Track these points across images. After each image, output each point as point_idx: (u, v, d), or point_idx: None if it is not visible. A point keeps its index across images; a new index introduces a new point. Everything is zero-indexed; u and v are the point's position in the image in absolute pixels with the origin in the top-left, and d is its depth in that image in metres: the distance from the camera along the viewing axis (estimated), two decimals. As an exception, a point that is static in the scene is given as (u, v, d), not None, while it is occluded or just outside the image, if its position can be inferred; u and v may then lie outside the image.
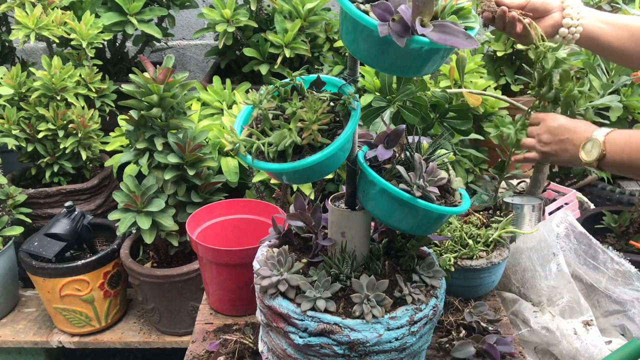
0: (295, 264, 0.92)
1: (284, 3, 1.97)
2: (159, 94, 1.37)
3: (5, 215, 1.67)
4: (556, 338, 1.26)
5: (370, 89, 1.56)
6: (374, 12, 0.68)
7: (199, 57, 2.74)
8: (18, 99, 1.76)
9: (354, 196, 0.91)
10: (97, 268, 1.57)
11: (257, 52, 1.99)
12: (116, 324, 1.71)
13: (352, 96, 0.81)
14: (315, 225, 0.98)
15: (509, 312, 1.37)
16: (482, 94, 1.49)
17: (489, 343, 1.10)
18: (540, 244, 1.37)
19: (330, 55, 2.05)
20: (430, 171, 0.84)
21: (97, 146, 1.82)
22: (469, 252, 1.28)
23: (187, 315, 1.58)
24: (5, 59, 2.13)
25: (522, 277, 1.40)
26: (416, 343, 0.90)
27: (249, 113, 0.87)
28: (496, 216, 1.43)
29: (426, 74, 0.77)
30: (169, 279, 1.48)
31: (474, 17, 0.75)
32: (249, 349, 1.16)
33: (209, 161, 1.50)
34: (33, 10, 1.74)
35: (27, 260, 1.54)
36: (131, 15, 1.94)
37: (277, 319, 0.89)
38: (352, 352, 0.85)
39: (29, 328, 1.71)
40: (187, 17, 2.66)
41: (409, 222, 0.84)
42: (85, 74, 1.82)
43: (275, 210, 1.39)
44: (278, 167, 0.79)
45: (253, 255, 1.01)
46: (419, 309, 0.88)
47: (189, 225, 1.34)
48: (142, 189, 1.44)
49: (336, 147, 0.78)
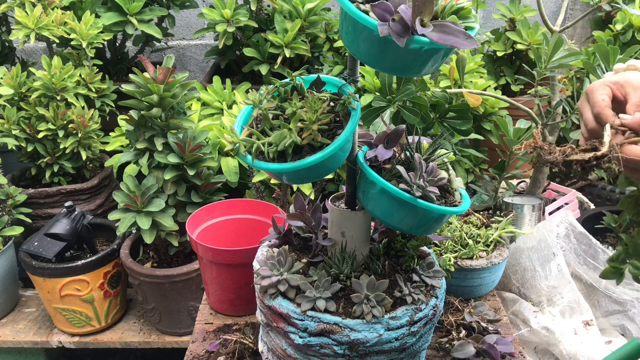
0: (295, 264, 0.92)
1: (284, 3, 1.97)
2: (159, 94, 1.37)
3: (5, 215, 1.67)
4: (556, 338, 1.26)
5: (370, 89, 1.56)
6: (374, 12, 0.68)
7: (199, 57, 2.74)
8: (18, 99, 1.75)
9: (354, 196, 0.91)
10: (97, 268, 1.57)
11: (257, 52, 1.99)
12: (116, 324, 1.71)
13: (352, 96, 0.81)
14: (315, 225, 0.98)
15: (509, 312, 1.37)
16: (482, 94, 1.49)
17: (489, 343, 1.10)
18: (540, 244, 1.37)
19: (330, 55, 2.05)
20: (430, 171, 0.84)
21: (97, 146, 1.82)
22: (469, 252, 1.28)
23: (187, 315, 1.58)
24: (5, 59, 2.13)
25: (522, 277, 1.40)
26: (416, 343, 0.90)
27: (249, 113, 0.87)
28: (496, 216, 1.43)
29: (426, 74, 0.76)
30: (169, 279, 1.48)
31: (474, 17, 0.75)
32: (249, 349, 1.16)
33: (209, 161, 1.50)
34: (33, 10, 1.74)
35: (27, 260, 1.54)
36: (131, 15, 1.94)
37: (277, 319, 0.89)
38: (352, 352, 0.85)
39: (29, 328, 1.71)
40: (187, 17, 2.66)
41: (409, 222, 0.84)
42: (85, 74, 1.82)
43: (275, 210, 1.39)
44: (278, 167, 0.79)
45: (253, 255, 1.01)
46: (419, 309, 0.88)
47: (189, 225, 1.34)
48: (142, 189, 1.44)
49: (336, 147, 0.78)
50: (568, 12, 2.46)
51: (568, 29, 1.43)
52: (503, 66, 2.05)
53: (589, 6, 2.08)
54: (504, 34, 2.00)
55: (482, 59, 1.94)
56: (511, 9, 2.00)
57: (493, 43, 2.04)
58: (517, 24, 1.98)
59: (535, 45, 1.90)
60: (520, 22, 1.95)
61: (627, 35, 1.84)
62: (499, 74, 2.04)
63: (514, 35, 1.95)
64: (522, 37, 1.94)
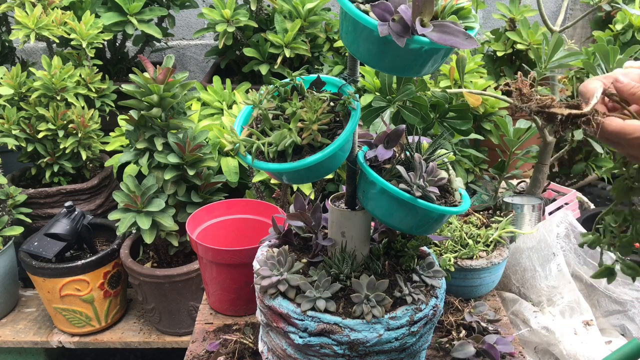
0: (295, 264, 0.92)
1: (284, 3, 1.97)
2: (159, 94, 1.37)
3: (5, 215, 1.67)
4: (556, 338, 1.26)
5: (370, 89, 1.56)
6: (374, 12, 0.68)
7: (199, 57, 2.74)
8: (18, 99, 1.75)
9: (354, 196, 0.91)
10: (97, 268, 1.57)
11: (257, 52, 1.99)
12: (116, 324, 1.71)
13: (352, 96, 0.81)
14: (315, 225, 0.98)
15: (509, 312, 1.37)
16: (482, 94, 1.48)
17: (489, 343, 1.10)
18: (540, 244, 1.37)
19: (330, 55, 2.05)
20: (430, 171, 0.84)
21: (97, 146, 1.82)
22: (469, 252, 1.28)
23: (187, 315, 1.58)
24: (5, 59, 2.13)
25: (522, 277, 1.40)
26: (416, 343, 0.90)
27: (249, 113, 0.87)
28: (496, 216, 1.43)
29: (426, 74, 0.76)
30: (169, 279, 1.48)
31: (474, 17, 0.75)
32: (249, 349, 1.16)
33: (209, 161, 1.50)
34: (33, 10, 1.74)
35: (27, 260, 1.54)
36: (131, 15, 1.94)
37: (277, 319, 0.89)
38: (352, 352, 0.85)
39: (29, 328, 1.71)
40: (187, 17, 2.66)
41: (409, 222, 0.84)
42: (85, 74, 1.82)
43: (275, 210, 1.39)
44: (278, 167, 0.79)
45: (253, 255, 1.01)
46: (419, 309, 0.88)
47: (189, 225, 1.34)
48: (142, 189, 1.44)
49: (336, 147, 0.78)
50: (568, 12, 2.46)
51: (568, 29, 1.43)
52: (503, 66, 2.05)
53: (589, 6, 2.08)
54: (504, 34, 2.00)
55: (482, 59, 1.93)
56: (511, 9, 2.00)
57: (493, 43, 2.04)
58: (517, 24, 1.98)
59: (535, 45, 1.90)
60: (520, 22, 1.95)
61: (627, 35, 1.84)
62: (499, 74, 2.04)
63: (514, 35, 1.95)
64: (522, 37, 1.94)
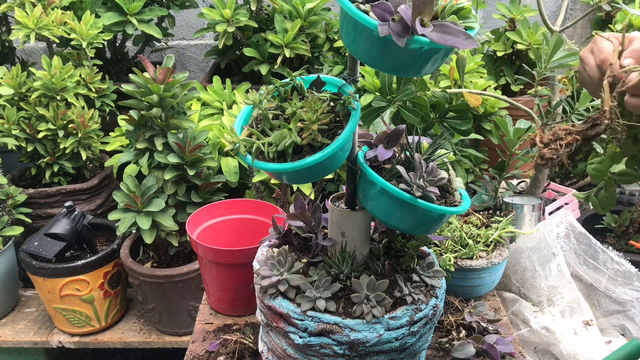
0: (295, 264, 0.92)
1: (284, 3, 1.97)
2: (159, 94, 1.37)
3: (5, 215, 1.67)
4: (556, 338, 1.26)
5: (370, 89, 1.56)
6: (374, 12, 0.68)
7: (199, 57, 2.74)
8: (18, 99, 1.75)
9: (354, 196, 0.91)
10: (97, 268, 1.57)
11: (257, 52, 1.99)
12: (116, 324, 1.71)
13: (352, 96, 0.81)
14: (315, 225, 0.98)
15: (509, 312, 1.37)
16: (482, 94, 1.49)
17: (489, 343, 1.10)
18: (540, 244, 1.37)
19: (330, 55, 2.05)
20: (430, 171, 0.84)
21: (97, 146, 1.82)
22: (469, 252, 1.28)
23: (187, 315, 1.58)
24: (5, 59, 2.13)
25: (522, 277, 1.40)
26: (416, 343, 0.90)
27: (249, 113, 0.87)
28: (496, 216, 1.43)
29: (426, 74, 0.76)
30: (169, 279, 1.48)
31: (474, 17, 0.75)
32: (249, 349, 1.16)
33: (209, 161, 1.50)
34: (33, 10, 1.74)
35: (27, 260, 1.54)
36: (131, 15, 1.94)
37: (277, 319, 0.89)
38: (352, 352, 0.85)
39: (29, 328, 1.71)
40: (187, 17, 2.66)
41: (409, 222, 0.84)
42: (85, 74, 1.82)
43: (275, 210, 1.39)
44: (278, 167, 0.79)
45: (253, 255, 1.01)
46: (419, 309, 0.88)
47: (189, 225, 1.34)
48: (142, 189, 1.44)
49: (336, 147, 0.78)
50: (568, 12, 2.46)
51: (568, 29, 1.43)
52: (503, 66, 2.05)
53: (589, 6, 2.08)
54: (504, 34, 2.00)
55: (482, 59, 1.93)
56: (511, 9, 2.00)
57: (493, 43, 2.04)
58: (517, 24, 1.98)
59: (535, 45, 1.90)
60: (520, 22, 1.95)
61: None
62: (499, 74, 2.04)
63: (514, 35, 1.95)
64: (522, 37, 1.94)
